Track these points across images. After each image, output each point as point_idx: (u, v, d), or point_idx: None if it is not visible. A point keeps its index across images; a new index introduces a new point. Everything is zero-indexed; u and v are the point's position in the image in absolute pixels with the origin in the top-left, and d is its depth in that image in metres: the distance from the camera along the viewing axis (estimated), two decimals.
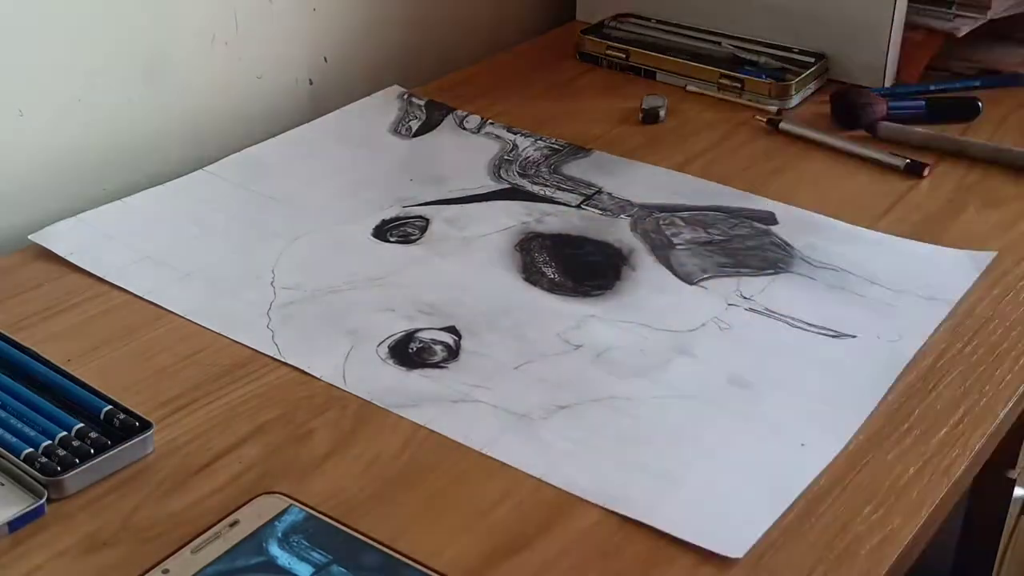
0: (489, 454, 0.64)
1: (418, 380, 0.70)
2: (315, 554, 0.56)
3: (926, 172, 0.93)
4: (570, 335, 0.74)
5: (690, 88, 1.08)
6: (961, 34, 1.10)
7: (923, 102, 1.02)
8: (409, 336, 0.73)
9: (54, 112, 0.87)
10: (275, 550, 0.56)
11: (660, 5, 1.16)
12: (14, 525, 0.58)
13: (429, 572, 0.55)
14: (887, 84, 1.07)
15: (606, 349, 0.73)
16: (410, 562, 0.55)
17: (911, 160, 0.94)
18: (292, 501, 0.59)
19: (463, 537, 0.58)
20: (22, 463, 0.60)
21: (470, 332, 0.74)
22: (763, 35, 1.11)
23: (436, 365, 0.71)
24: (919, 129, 0.98)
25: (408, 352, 0.72)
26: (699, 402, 0.68)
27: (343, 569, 0.55)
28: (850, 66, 1.08)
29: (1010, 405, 0.69)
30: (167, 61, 0.93)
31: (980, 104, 1.02)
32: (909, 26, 1.08)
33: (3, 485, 0.60)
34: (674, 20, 1.16)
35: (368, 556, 0.56)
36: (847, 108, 1.01)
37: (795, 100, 1.05)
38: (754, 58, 1.09)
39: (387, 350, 0.72)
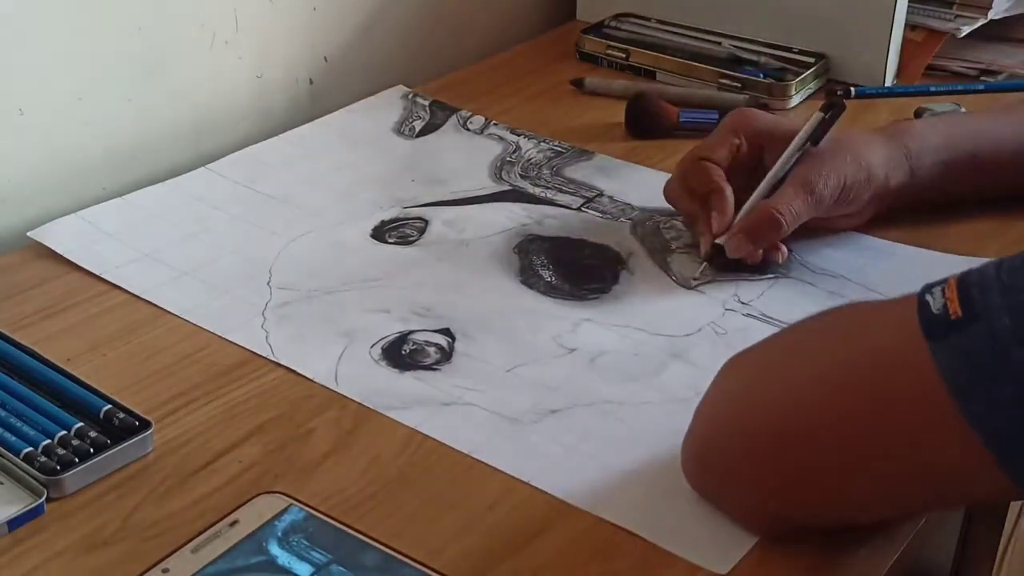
0: (478, 457, 0.63)
1: (410, 382, 0.69)
2: (315, 554, 0.56)
3: None
4: (564, 339, 0.74)
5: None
6: (961, 34, 1.10)
7: (716, 114, 0.96)
8: (403, 338, 0.73)
9: (54, 112, 0.87)
10: (275, 550, 0.56)
11: (660, 5, 1.16)
12: (13, 524, 0.58)
13: (429, 572, 0.55)
14: (887, 84, 1.07)
15: (600, 353, 0.72)
16: (410, 562, 0.55)
17: None
18: (292, 501, 0.59)
19: (463, 537, 0.58)
20: (21, 462, 0.60)
21: (464, 334, 0.74)
22: (763, 35, 1.11)
23: (429, 367, 0.71)
24: None
25: (401, 354, 0.72)
26: (693, 408, 0.67)
27: (343, 569, 0.55)
28: (850, 66, 1.08)
29: None
30: (167, 60, 0.93)
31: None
32: (909, 26, 1.09)
33: (2, 484, 0.60)
34: (674, 20, 1.15)
35: (368, 556, 0.56)
36: (639, 117, 1.00)
37: (795, 100, 1.05)
38: (754, 58, 1.09)
39: (380, 351, 0.72)
